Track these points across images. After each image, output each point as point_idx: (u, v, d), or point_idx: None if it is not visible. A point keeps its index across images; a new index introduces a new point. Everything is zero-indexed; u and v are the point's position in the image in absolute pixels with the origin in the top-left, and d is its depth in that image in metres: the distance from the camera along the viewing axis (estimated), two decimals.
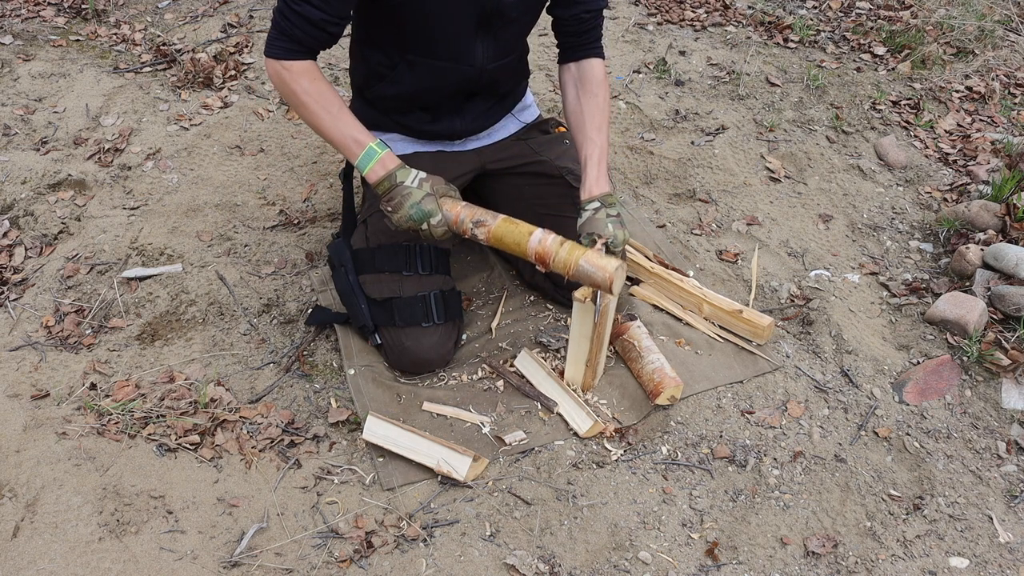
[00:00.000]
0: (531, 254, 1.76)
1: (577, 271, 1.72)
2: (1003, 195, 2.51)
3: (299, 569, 1.61)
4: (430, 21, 1.78)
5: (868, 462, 1.88)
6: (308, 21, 1.70)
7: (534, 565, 1.63)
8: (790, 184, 2.72)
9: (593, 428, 1.86)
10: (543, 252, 1.74)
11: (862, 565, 1.68)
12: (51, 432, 1.82)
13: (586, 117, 1.94)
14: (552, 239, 1.75)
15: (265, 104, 2.95)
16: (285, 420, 1.89)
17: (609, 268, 1.69)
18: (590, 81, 1.97)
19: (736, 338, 2.11)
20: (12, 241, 2.36)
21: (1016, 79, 3.35)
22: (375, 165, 1.77)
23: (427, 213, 1.76)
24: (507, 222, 1.79)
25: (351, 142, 1.77)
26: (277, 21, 1.73)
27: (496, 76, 1.98)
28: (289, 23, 1.71)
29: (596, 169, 1.89)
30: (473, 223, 1.77)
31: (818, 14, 3.79)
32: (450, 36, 1.82)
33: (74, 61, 3.14)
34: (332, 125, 1.77)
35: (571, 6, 1.92)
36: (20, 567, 1.57)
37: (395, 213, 1.78)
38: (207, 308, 2.17)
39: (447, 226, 1.80)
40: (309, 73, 1.76)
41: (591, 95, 1.96)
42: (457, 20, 1.79)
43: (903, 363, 2.11)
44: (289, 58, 1.75)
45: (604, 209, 1.85)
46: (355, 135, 1.77)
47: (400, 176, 1.77)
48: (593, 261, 1.71)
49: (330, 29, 1.73)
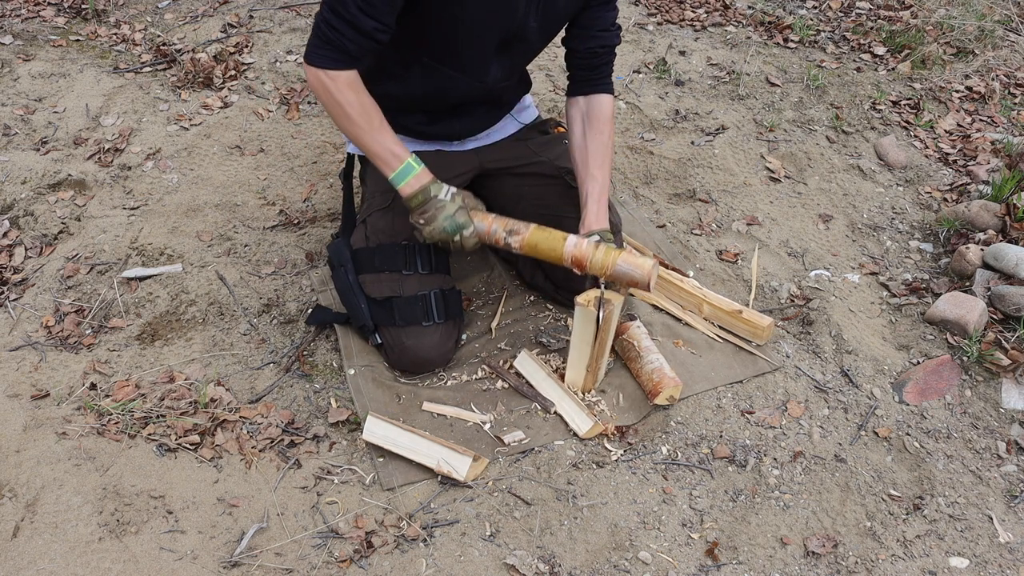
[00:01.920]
0: (567, 258, 1.80)
1: (615, 271, 1.77)
2: (1003, 195, 2.51)
3: (299, 569, 1.61)
4: (458, 35, 1.80)
5: (868, 462, 1.88)
6: (358, 30, 1.69)
7: (534, 565, 1.63)
8: (790, 184, 2.72)
9: (593, 429, 1.86)
10: (580, 255, 1.78)
11: (862, 565, 1.68)
12: (51, 432, 1.82)
13: (590, 154, 1.97)
14: (588, 243, 1.80)
15: (265, 104, 2.95)
16: (285, 420, 1.89)
17: (647, 266, 1.75)
18: (597, 119, 1.99)
19: (736, 338, 2.11)
20: (12, 241, 2.36)
21: (1016, 79, 3.35)
22: (411, 179, 1.81)
23: (461, 225, 1.82)
24: (540, 230, 1.84)
25: (390, 156, 1.81)
26: (322, 31, 1.71)
27: (500, 92, 2.03)
28: (337, 33, 1.70)
29: (596, 205, 1.94)
30: (507, 232, 1.83)
31: (818, 14, 3.79)
32: (472, 51, 1.85)
33: (74, 61, 3.14)
34: (373, 138, 1.81)
35: (586, 40, 1.95)
36: (20, 567, 1.57)
37: (427, 225, 1.83)
38: (207, 308, 2.17)
39: (478, 237, 1.86)
40: (353, 84, 1.78)
41: (597, 132, 1.99)
42: (483, 38, 1.82)
43: (903, 363, 2.11)
44: (334, 68, 1.74)
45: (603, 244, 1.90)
46: (394, 149, 1.81)
47: (434, 190, 1.82)
48: (630, 260, 1.76)
49: (379, 37, 1.72)
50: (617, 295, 1.84)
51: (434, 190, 1.82)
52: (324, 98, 1.79)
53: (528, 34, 1.86)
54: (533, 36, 1.88)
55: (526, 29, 1.84)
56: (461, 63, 1.87)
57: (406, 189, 1.82)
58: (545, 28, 1.89)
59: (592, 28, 1.94)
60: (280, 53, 3.23)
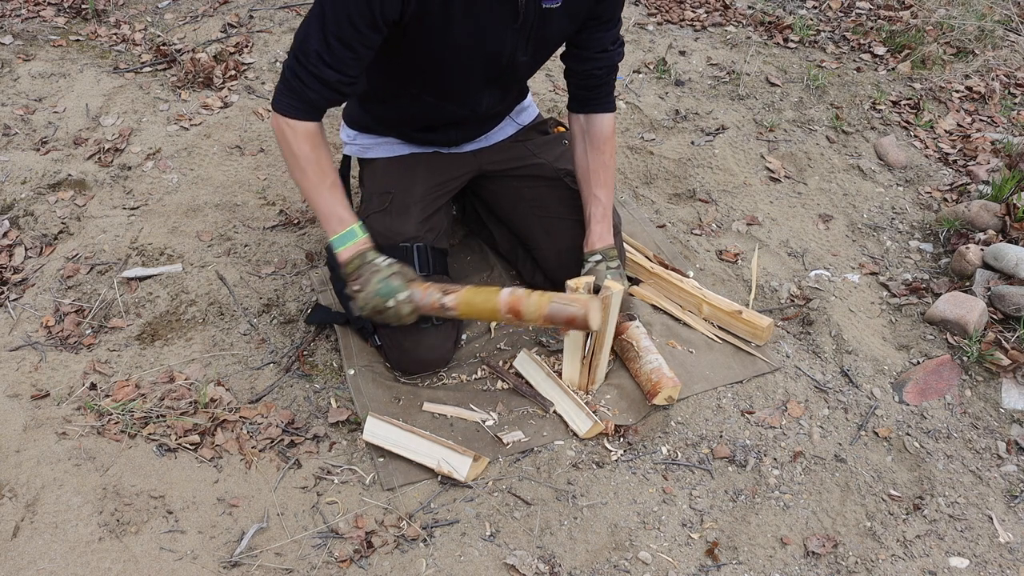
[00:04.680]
0: (503, 307, 1.71)
1: (550, 312, 1.68)
2: (1003, 195, 2.51)
3: (299, 569, 1.61)
4: (444, 74, 1.79)
5: (868, 462, 1.88)
6: (321, 82, 1.67)
7: (534, 565, 1.63)
8: (790, 184, 2.72)
9: (593, 429, 1.86)
10: (514, 302, 1.70)
11: (862, 565, 1.68)
12: (51, 432, 1.82)
13: (592, 175, 1.97)
14: (522, 290, 1.72)
15: (265, 104, 2.95)
16: (285, 420, 1.89)
17: (583, 299, 1.68)
18: (597, 138, 1.98)
19: (735, 339, 2.11)
20: (12, 241, 2.36)
21: (1016, 79, 3.35)
22: (351, 245, 1.76)
23: (394, 289, 1.71)
24: (474, 288, 1.77)
25: (335, 220, 1.76)
26: (288, 79, 1.70)
27: (497, 112, 2.04)
28: (301, 83, 1.68)
29: (599, 226, 1.95)
30: (442, 293, 1.74)
31: (818, 14, 3.79)
32: (461, 87, 1.85)
33: (74, 61, 3.14)
34: (322, 198, 1.76)
35: (583, 62, 1.90)
36: (20, 567, 1.57)
37: (361, 291, 1.74)
38: (207, 308, 2.17)
39: (414, 304, 1.74)
40: (312, 138, 1.74)
41: (598, 152, 1.97)
42: (470, 76, 1.81)
43: (903, 363, 2.11)
44: (296, 117, 1.72)
45: (605, 262, 1.92)
46: (341, 213, 1.76)
47: (370, 256, 1.76)
48: (565, 298, 1.70)
49: (344, 90, 1.70)
50: (617, 283, 1.83)
51: (370, 256, 1.75)
52: (282, 146, 1.76)
53: (518, 67, 1.84)
54: (523, 68, 1.87)
55: (515, 63, 1.81)
56: (451, 96, 1.88)
57: (343, 254, 1.76)
58: (537, 58, 1.86)
59: (590, 50, 1.88)
60: (280, 53, 3.23)
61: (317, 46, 1.63)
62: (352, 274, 1.77)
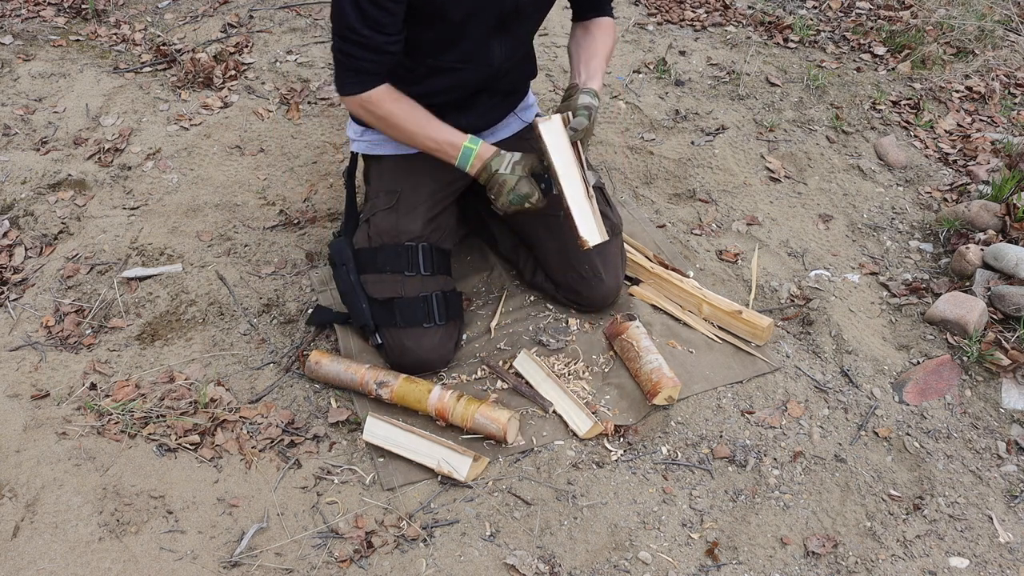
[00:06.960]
0: (431, 410, 1.86)
1: (474, 423, 1.82)
2: (1003, 195, 2.51)
3: (299, 569, 1.61)
4: (454, 26, 1.81)
5: (868, 462, 1.88)
6: (370, 49, 1.74)
7: (534, 565, 1.63)
8: (790, 184, 2.72)
9: (593, 429, 1.86)
10: (442, 407, 1.84)
11: (862, 565, 1.68)
12: (51, 432, 1.82)
13: (582, 50, 1.99)
14: (450, 395, 1.85)
15: (265, 104, 2.95)
16: (285, 420, 1.89)
17: (502, 419, 1.80)
18: (593, 28, 2.03)
19: (735, 339, 2.11)
20: (12, 241, 2.36)
21: (1016, 79, 3.35)
22: (473, 161, 1.87)
23: (524, 196, 1.86)
24: (408, 380, 1.89)
25: (447, 147, 1.87)
26: (340, 60, 1.78)
27: (509, 73, 2.03)
28: (352, 58, 1.76)
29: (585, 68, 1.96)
30: (377, 384, 1.88)
31: (818, 14, 3.79)
32: (471, 39, 1.86)
33: (74, 61, 3.14)
34: (427, 135, 1.86)
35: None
36: (20, 567, 1.58)
37: (497, 200, 1.88)
38: (207, 308, 2.17)
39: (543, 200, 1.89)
40: (389, 96, 1.83)
41: (591, 36, 2.02)
42: (478, 23, 1.83)
43: (903, 363, 2.11)
44: (364, 90, 1.81)
45: (583, 95, 1.90)
46: (450, 139, 1.87)
47: (495, 164, 1.86)
48: (487, 414, 1.82)
49: (392, 49, 1.77)
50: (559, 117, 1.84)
51: (495, 164, 1.86)
52: (369, 120, 1.87)
53: (523, 7, 1.87)
54: (529, 8, 1.89)
55: (519, 3, 1.84)
56: (463, 54, 1.88)
57: (471, 171, 1.89)
58: None
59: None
60: (280, 53, 3.23)
61: (353, 18, 1.70)
62: (484, 184, 1.90)
